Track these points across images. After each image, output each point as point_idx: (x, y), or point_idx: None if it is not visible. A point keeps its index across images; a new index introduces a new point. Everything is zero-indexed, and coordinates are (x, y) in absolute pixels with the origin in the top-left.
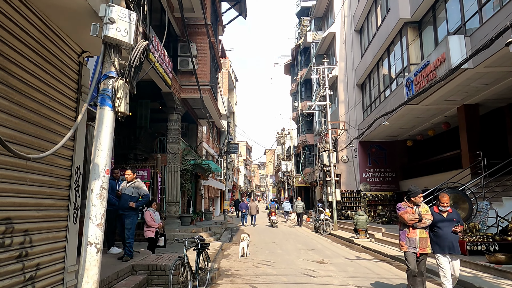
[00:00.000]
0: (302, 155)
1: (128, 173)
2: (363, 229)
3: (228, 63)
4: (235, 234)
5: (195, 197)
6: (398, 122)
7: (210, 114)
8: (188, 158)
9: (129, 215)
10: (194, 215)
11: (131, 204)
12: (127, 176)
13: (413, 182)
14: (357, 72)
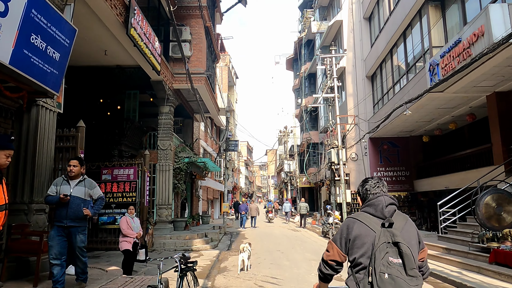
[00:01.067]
0: (306, 154)
1: (74, 164)
2: None
3: (228, 58)
4: (234, 240)
5: (191, 199)
6: (415, 115)
7: (207, 107)
8: (182, 155)
9: (82, 228)
10: (189, 219)
11: (86, 212)
12: (72, 168)
13: (430, 182)
14: (366, 63)
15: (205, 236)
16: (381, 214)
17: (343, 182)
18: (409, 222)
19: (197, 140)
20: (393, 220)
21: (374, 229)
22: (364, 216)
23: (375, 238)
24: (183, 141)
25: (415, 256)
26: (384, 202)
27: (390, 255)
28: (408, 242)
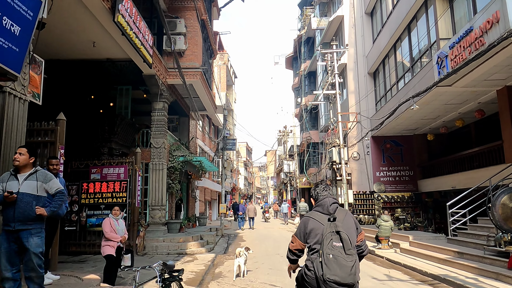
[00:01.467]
0: (306, 154)
1: (21, 152)
2: (385, 238)
3: (226, 56)
4: (232, 243)
5: (187, 200)
6: (420, 112)
7: (204, 105)
8: (177, 154)
9: (36, 230)
10: (184, 221)
11: (40, 211)
12: (17, 157)
13: (435, 182)
14: (368, 59)
15: (201, 239)
16: (327, 211)
17: (344, 182)
18: (348, 214)
19: (193, 138)
20: (336, 215)
21: (323, 223)
22: (316, 214)
23: (324, 229)
24: (178, 140)
25: (352, 240)
26: (329, 202)
27: (333, 241)
28: (347, 230)
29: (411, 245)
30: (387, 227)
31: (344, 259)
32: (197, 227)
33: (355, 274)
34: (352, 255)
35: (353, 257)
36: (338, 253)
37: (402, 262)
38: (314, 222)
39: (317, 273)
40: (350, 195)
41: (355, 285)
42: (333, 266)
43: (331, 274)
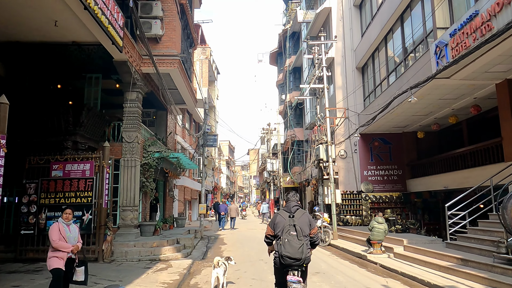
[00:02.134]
0: (290, 152)
1: None
2: (378, 241)
3: (209, 51)
4: (212, 246)
5: (164, 199)
6: (412, 107)
7: (183, 98)
8: (152, 150)
9: None
10: (160, 223)
11: None
12: None
13: (424, 182)
14: (357, 53)
15: (177, 243)
16: (289, 211)
17: (332, 181)
18: (305, 214)
19: (171, 133)
20: (295, 214)
21: (285, 218)
22: (282, 212)
23: (285, 223)
24: (154, 134)
25: (304, 231)
26: (292, 205)
27: (290, 231)
28: (301, 224)
29: (406, 249)
30: (381, 230)
31: (295, 243)
32: (175, 229)
33: (302, 253)
34: (301, 241)
35: (302, 242)
36: (292, 238)
37: (399, 269)
38: (280, 217)
39: (279, 252)
40: (338, 195)
41: (301, 259)
42: (287, 246)
43: (285, 252)
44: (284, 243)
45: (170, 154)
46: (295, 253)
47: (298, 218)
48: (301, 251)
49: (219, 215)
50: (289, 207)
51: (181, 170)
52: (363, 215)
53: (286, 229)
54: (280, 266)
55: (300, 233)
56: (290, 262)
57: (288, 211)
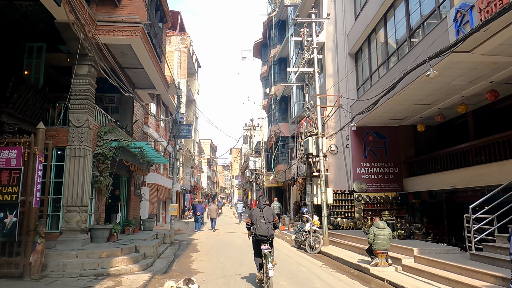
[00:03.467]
0: (275, 149)
1: None
2: (383, 251)
3: (188, 40)
4: (181, 254)
5: (128, 198)
6: (416, 94)
7: (151, 80)
8: (109, 138)
9: None
10: (117, 226)
11: None
12: None
13: (424, 180)
14: (350, 38)
15: (135, 251)
16: (260, 207)
17: (323, 179)
18: (270, 209)
19: (137, 121)
20: (263, 209)
21: (257, 212)
22: (256, 208)
23: (258, 215)
24: (114, 121)
25: (269, 219)
26: (261, 204)
27: (261, 219)
28: (267, 215)
29: (417, 261)
30: (385, 236)
31: (264, 226)
32: (140, 233)
33: (268, 232)
34: (267, 225)
35: (268, 225)
36: (262, 224)
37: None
38: (254, 211)
39: (254, 232)
40: (329, 195)
41: (268, 236)
42: (259, 229)
43: (258, 232)
44: (257, 227)
45: (130, 143)
46: (264, 232)
47: (265, 212)
48: (267, 231)
49: (195, 216)
50: (260, 205)
51: (149, 165)
52: (355, 218)
53: (258, 219)
54: (256, 241)
55: (267, 221)
56: (262, 238)
57: (259, 208)
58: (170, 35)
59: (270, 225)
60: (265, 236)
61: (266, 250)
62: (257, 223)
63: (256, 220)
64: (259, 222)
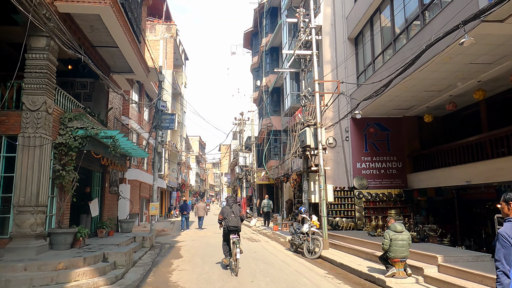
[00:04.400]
0: (266, 144)
1: None
2: (402, 259)
3: (174, 28)
4: (161, 261)
5: (102, 197)
6: (429, 78)
7: (128, 63)
8: (74, 125)
9: None
10: (85, 230)
11: None
12: None
13: (432, 176)
14: (349, 21)
15: (103, 260)
16: (229, 205)
17: (322, 174)
18: (237, 206)
19: (112, 109)
20: (232, 206)
21: (227, 209)
22: (226, 205)
23: (228, 211)
24: (83, 107)
25: (237, 214)
26: (230, 202)
27: (231, 214)
28: (235, 211)
29: (442, 270)
30: (404, 242)
31: (234, 219)
32: (116, 235)
33: (237, 224)
34: (237, 218)
35: (237, 219)
36: (232, 218)
37: None
38: (225, 209)
39: (226, 224)
40: (329, 192)
41: (238, 227)
42: (230, 221)
43: (229, 224)
44: (229, 220)
45: (100, 131)
46: (234, 224)
47: (234, 208)
48: (237, 223)
49: (182, 215)
50: (229, 203)
51: (126, 158)
52: (355, 217)
53: (229, 214)
54: (228, 232)
55: (236, 215)
56: (233, 228)
57: (229, 205)
58: (155, 23)
59: (238, 218)
60: (236, 227)
61: (235, 238)
62: (228, 217)
63: (227, 215)
64: (230, 216)
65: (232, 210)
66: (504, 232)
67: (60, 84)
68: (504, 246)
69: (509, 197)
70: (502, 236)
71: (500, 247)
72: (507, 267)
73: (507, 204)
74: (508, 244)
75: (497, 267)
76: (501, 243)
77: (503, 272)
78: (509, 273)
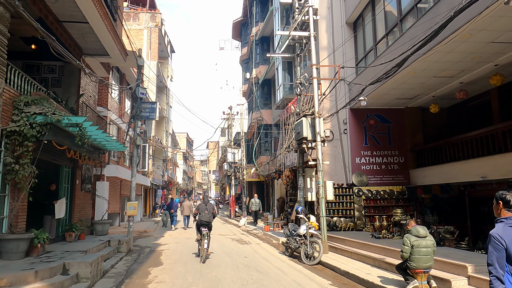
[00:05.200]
0: (256, 138)
1: None
2: (425, 270)
3: (159, 17)
4: (137, 270)
5: (72, 195)
6: (441, 61)
7: (102, 43)
8: (32, 110)
9: None
10: (45, 234)
11: None
12: None
13: (438, 171)
14: (347, 4)
15: (63, 272)
16: (205, 202)
17: (321, 169)
18: (211, 204)
19: (83, 95)
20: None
21: (203, 206)
22: (201, 203)
23: (203, 207)
24: (45, 90)
25: (210, 211)
26: (206, 201)
27: (205, 210)
28: (209, 208)
29: (474, 283)
30: (428, 249)
31: (206, 215)
32: (89, 238)
33: (209, 219)
34: (209, 215)
35: (209, 215)
36: (205, 213)
37: None
38: (201, 205)
39: (199, 219)
40: (329, 189)
41: (209, 222)
42: (203, 217)
43: (202, 219)
44: (202, 216)
45: (63, 118)
46: (206, 219)
47: (208, 206)
48: (209, 219)
49: (169, 213)
50: (204, 201)
51: (100, 152)
52: (355, 216)
53: (203, 210)
54: (201, 225)
55: (209, 212)
56: (204, 223)
57: (204, 203)
58: (139, 11)
59: (210, 215)
60: (207, 221)
61: (205, 231)
62: (202, 213)
63: (202, 211)
64: (204, 212)
65: (207, 207)
66: (496, 233)
67: (24, 68)
68: (496, 249)
69: (500, 196)
70: (494, 238)
71: (492, 250)
72: (501, 271)
73: (498, 204)
74: (501, 246)
75: (490, 272)
76: (493, 245)
77: (496, 277)
78: (503, 278)
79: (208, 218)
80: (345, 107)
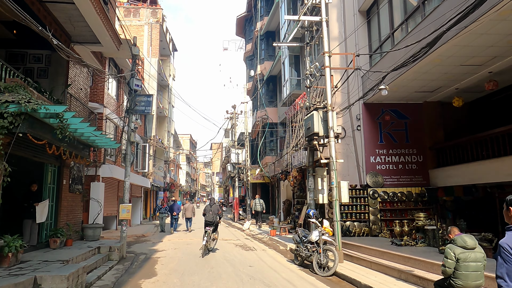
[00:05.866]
0: (261, 138)
1: None
2: None
3: (160, 13)
4: (127, 281)
5: (58, 197)
6: (471, 45)
7: (92, 29)
8: (4, 99)
9: None
10: (18, 242)
11: None
12: None
13: (464, 171)
14: None
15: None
16: (210, 204)
17: (334, 168)
18: (216, 205)
19: (70, 85)
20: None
21: (209, 207)
22: (208, 204)
23: (208, 208)
24: (23, 77)
25: (215, 212)
26: (211, 203)
27: (210, 211)
28: (213, 210)
29: None
30: (478, 264)
31: (211, 215)
32: (76, 245)
33: (213, 219)
34: (214, 215)
35: (214, 215)
36: (210, 214)
37: None
38: (207, 206)
39: (205, 219)
40: (344, 190)
41: (213, 222)
42: (208, 217)
43: (207, 219)
44: (207, 216)
45: (40, 107)
46: (210, 219)
47: (213, 207)
48: (213, 219)
49: (171, 216)
50: (210, 203)
51: (91, 149)
52: (369, 220)
53: (208, 211)
54: (205, 224)
55: (214, 212)
56: (208, 222)
57: (210, 205)
58: (139, 6)
59: (215, 215)
60: (211, 221)
61: (208, 230)
62: (207, 213)
63: (207, 212)
64: (208, 213)
65: (211, 208)
66: (506, 243)
67: (7, 57)
68: (507, 260)
69: (510, 200)
70: (503, 249)
71: (502, 262)
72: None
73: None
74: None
75: (500, 285)
76: (503, 257)
77: None
78: None
79: (212, 218)
80: (361, 99)
